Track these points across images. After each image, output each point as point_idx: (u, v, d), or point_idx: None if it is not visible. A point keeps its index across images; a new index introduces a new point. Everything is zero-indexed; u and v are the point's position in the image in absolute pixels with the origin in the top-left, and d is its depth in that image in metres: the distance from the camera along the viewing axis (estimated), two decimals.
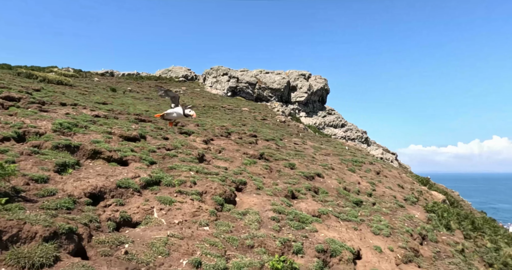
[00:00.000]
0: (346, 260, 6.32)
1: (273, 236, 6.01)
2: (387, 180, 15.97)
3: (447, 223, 12.16)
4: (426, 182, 27.61)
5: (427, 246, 9.59)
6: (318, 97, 56.78)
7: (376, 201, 11.43)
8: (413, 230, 9.58)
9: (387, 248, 7.73)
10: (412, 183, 18.80)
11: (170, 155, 9.43)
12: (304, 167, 12.33)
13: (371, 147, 57.57)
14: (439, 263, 8.81)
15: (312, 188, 10.06)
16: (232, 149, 12.49)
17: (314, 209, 8.15)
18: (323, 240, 6.52)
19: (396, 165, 53.31)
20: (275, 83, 51.44)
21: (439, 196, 19.03)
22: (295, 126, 31.05)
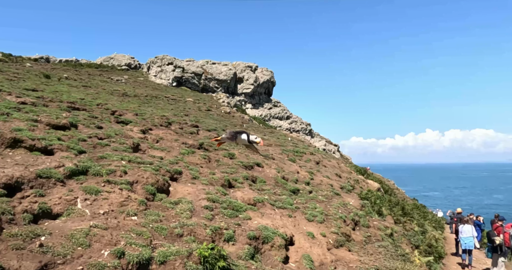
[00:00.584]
0: (278, 246, 6.42)
1: (204, 224, 5.94)
2: (325, 169, 16.49)
3: (379, 209, 12.82)
4: (364, 171, 28.93)
5: (359, 231, 10.04)
6: (265, 89, 57.26)
7: (313, 189, 11.75)
8: (346, 217, 9.97)
9: (319, 234, 7.97)
10: (349, 172, 19.60)
11: (102, 144, 9.00)
12: (244, 157, 12.37)
13: (314, 139, 59.22)
14: (369, 246, 9.26)
15: (250, 177, 10.11)
16: (171, 139, 12.21)
17: (250, 197, 8.19)
18: (256, 227, 6.57)
19: (338, 156, 55.37)
20: (221, 74, 51.05)
21: (374, 184, 20.03)
22: (240, 117, 31.08)
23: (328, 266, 6.85)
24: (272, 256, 6.25)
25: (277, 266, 6.02)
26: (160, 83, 45.33)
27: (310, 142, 53.12)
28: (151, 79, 46.85)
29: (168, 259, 4.69)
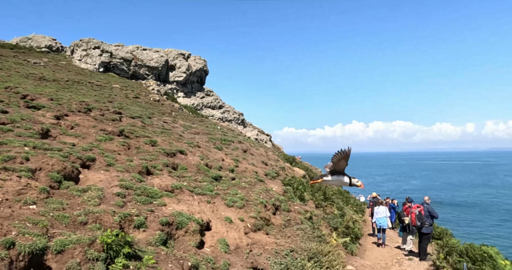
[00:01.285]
0: (193, 232, 6.37)
1: (112, 211, 5.69)
2: (252, 157, 16.71)
3: (300, 195, 13.30)
4: (292, 160, 29.84)
5: (280, 215, 10.33)
6: (197, 77, 56.41)
7: (237, 176, 11.85)
8: (267, 202, 10.19)
9: (238, 218, 8.06)
10: (277, 160, 20.07)
11: (4, 129, 8.22)
12: (167, 144, 12.08)
13: (247, 129, 59.81)
14: (288, 229, 9.58)
15: (171, 164, 9.91)
16: (88, 125, 11.53)
17: (167, 184, 8.02)
18: (170, 213, 6.45)
19: (270, 145, 56.55)
20: (152, 61, 49.27)
21: (300, 171, 20.74)
22: (169, 105, 30.33)
23: (243, 249, 6.96)
24: (186, 241, 6.19)
25: (190, 251, 5.98)
26: (85, 68, 42.60)
27: (242, 131, 53.58)
28: (75, 63, 43.82)
29: (67, 248, 4.43)
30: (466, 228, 70.08)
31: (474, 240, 55.60)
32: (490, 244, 40.38)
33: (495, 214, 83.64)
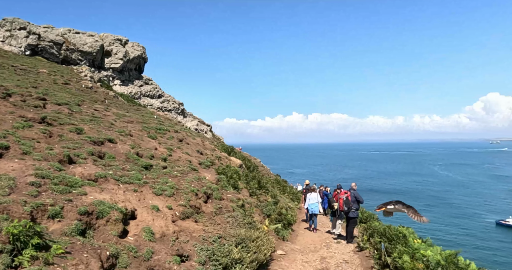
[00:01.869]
0: (115, 221, 6.18)
1: (23, 201, 5.34)
2: (187, 146, 16.52)
3: (234, 183, 13.43)
4: (231, 150, 29.96)
5: (211, 203, 10.36)
6: (135, 65, 54.33)
7: (169, 165, 11.66)
8: (198, 190, 10.16)
9: (165, 206, 7.96)
10: (213, 150, 20.03)
11: None
12: (95, 132, 11.55)
13: (187, 119, 58.94)
14: (219, 217, 9.64)
15: (97, 153, 9.49)
16: (5, 111, 10.66)
17: (91, 173, 7.69)
18: (90, 202, 6.20)
19: (210, 136, 56.29)
20: (86, 45, 46.55)
21: (237, 161, 20.89)
22: (103, 93, 28.93)
23: (170, 237, 6.89)
24: (107, 231, 6.00)
25: (111, 240, 5.81)
26: (9, 51, 39.19)
27: (182, 121, 52.70)
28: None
29: None
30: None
31: (400, 224, 59.69)
32: (414, 227, 43.46)
33: (420, 199, 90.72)
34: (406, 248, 6.28)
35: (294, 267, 9.77)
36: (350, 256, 11.39)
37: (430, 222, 62.05)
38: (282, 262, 10.04)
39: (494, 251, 49.34)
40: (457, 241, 54.11)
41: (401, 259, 5.76)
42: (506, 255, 47.94)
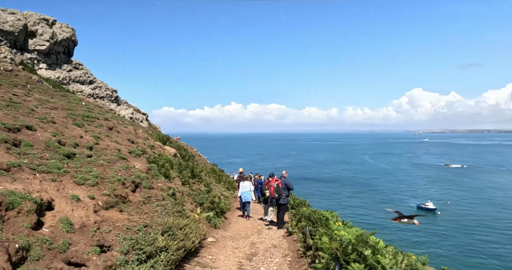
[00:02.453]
0: (27, 212, 5.79)
1: None
2: (118, 135, 15.88)
3: (166, 172, 13.19)
4: (166, 139, 29.34)
5: (140, 193, 10.09)
6: (64, 48, 50.73)
7: (96, 154, 11.14)
8: (126, 179, 9.84)
9: (87, 196, 7.61)
10: (146, 138, 19.47)
11: None
12: (11, 119, 10.66)
13: (121, 107, 56.57)
14: (147, 206, 9.43)
15: (11, 141, 8.78)
16: None
17: (2, 161, 7.10)
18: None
19: (146, 125, 54.55)
20: (7, 24, 42.46)
21: (171, 150, 20.52)
22: (25, 77, 26.73)
23: (90, 227, 6.61)
24: (18, 222, 5.60)
25: (22, 232, 5.44)
26: None
27: (116, 109, 50.46)
28: None
29: None
30: (328, 200, 78.84)
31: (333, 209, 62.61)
32: (344, 212, 46.51)
33: (351, 187, 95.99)
34: (326, 230, 6.61)
35: (224, 253, 9.89)
36: (279, 240, 11.77)
37: (361, 208, 65.48)
38: (212, 249, 10.12)
39: (415, 233, 53.89)
40: (384, 224, 58.26)
41: (321, 240, 6.06)
42: (425, 235, 52.60)
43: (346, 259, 4.52)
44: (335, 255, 4.76)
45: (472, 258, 43.53)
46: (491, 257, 44.16)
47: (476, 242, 49.72)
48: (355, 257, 4.41)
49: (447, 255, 44.57)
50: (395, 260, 3.88)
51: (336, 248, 4.74)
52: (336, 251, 4.71)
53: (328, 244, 5.44)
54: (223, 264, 8.78)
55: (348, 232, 5.47)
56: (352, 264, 3.94)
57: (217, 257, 9.38)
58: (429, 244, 48.58)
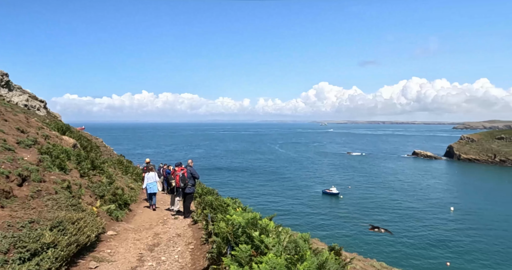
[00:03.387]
0: None
1: None
2: (4, 123, 14.26)
3: (61, 164, 12.23)
4: (66, 128, 27.14)
5: (28, 186, 9.23)
6: None
7: None
8: (10, 172, 8.91)
9: None
10: (40, 128, 17.80)
11: None
12: None
13: (13, 93, 50.75)
14: (36, 200, 8.68)
15: None
16: None
17: None
18: None
19: (44, 113, 49.77)
20: None
21: (70, 140, 19.07)
22: None
23: None
24: None
25: None
26: None
27: (6, 96, 45.20)
28: None
29: None
30: (240, 188, 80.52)
31: (245, 198, 64.31)
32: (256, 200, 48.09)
33: (262, 175, 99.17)
34: (224, 216, 6.76)
35: (125, 246, 9.57)
36: (184, 229, 11.73)
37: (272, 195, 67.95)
38: (112, 242, 9.71)
39: (321, 216, 57.82)
40: (293, 210, 61.43)
41: (218, 226, 6.18)
42: (330, 218, 56.70)
43: (237, 241, 4.69)
44: (227, 238, 4.90)
45: (371, 236, 48.21)
46: (386, 234, 49.37)
47: (373, 221, 55.07)
48: (245, 239, 4.59)
49: (349, 235, 48.70)
50: (278, 239, 4.13)
51: (228, 232, 4.88)
52: (228, 235, 4.85)
53: (224, 229, 5.58)
54: (122, 257, 8.49)
55: (243, 216, 5.66)
56: (240, 245, 4.10)
57: (117, 250, 9.04)
58: (334, 226, 52.53)
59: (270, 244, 3.90)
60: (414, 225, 53.70)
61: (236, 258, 3.94)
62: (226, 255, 4.93)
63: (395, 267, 24.44)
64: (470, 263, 39.80)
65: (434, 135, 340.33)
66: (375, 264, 12.18)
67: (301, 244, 4.06)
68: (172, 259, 8.39)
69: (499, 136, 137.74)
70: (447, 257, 41.29)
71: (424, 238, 47.69)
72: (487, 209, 63.73)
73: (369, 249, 42.69)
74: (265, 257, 3.47)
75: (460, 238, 48.17)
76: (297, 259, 3.26)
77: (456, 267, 38.71)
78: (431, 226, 53.23)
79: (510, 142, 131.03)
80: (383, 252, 42.34)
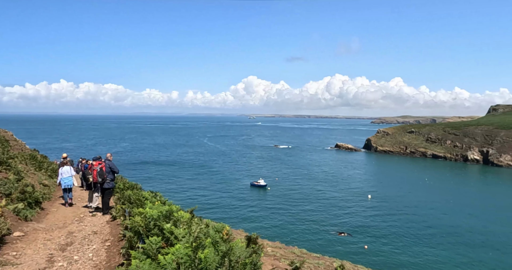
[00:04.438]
0: None
1: None
2: None
3: None
4: None
5: None
6: None
7: None
8: None
9: None
10: None
11: None
12: None
13: None
14: None
15: None
16: None
17: None
18: None
19: None
20: None
21: None
22: None
23: None
24: None
25: None
26: None
27: None
28: None
29: None
30: (168, 183, 78.77)
31: (173, 192, 63.27)
32: (186, 194, 47.61)
33: (191, 169, 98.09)
34: (140, 210, 6.58)
35: (33, 247, 8.88)
36: (101, 226, 11.20)
37: (201, 189, 67.70)
38: (19, 244, 8.96)
39: (250, 208, 58.81)
40: (222, 203, 61.65)
41: (133, 220, 6.01)
42: (259, 210, 57.91)
43: (148, 234, 4.60)
44: (139, 232, 4.78)
45: (297, 225, 50.18)
46: (312, 222, 51.75)
47: (300, 211, 57.42)
48: (156, 232, 4.52)
49: (277, 225, 50.22)
50: (190, 230, 4.12)
51: (139, 225, 4.76)
52: (139, 228, 4.73)
53: (139, 222, 5.43)
54: (30, 259, 7.88)
55: (159, 209, 5.55)
56: (150, 238, 4.02)
57: (24, 252, 8.36)
58: (262, 217, 53.76)
59: (180, 235, 3.89)
60: (337, 213, 57.05)
61: (145, 251, 3.86)
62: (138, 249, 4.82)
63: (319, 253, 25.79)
64: (386, 245, 43.36)
65: (354, 129, 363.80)
66: (296, 251, 12.72)
67: (211, 234, 4.10)
68: (86, 258, 7.97)
69: (410, 130, 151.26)
70: (365, 241, 44.56)
71: (346, 225, 50.93)
72: (400, 196, 69.86)
73: (295, 238, 44.51)
74: (173, 248, 3.45)
75: (377, 223, 52.24)
76: (196, 247, 3.29)
77: (373, 249, 41.93)
78: (352, 214, 56.98)
79: (418, 136, 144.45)
80: (309, 240, 44.45)
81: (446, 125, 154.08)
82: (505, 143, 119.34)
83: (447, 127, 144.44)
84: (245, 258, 3.58)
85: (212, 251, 3.45)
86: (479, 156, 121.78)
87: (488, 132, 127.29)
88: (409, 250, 42.11)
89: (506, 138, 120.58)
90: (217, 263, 3.32)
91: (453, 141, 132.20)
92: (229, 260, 3.30)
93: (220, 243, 3.73)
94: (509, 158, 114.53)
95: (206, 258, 3.31)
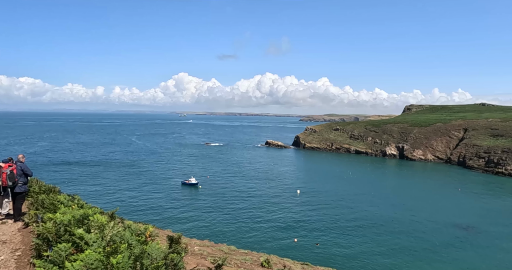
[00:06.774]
0: None
1: None
2: None
3: None
4: None
5: None
6: None
7: None
8: None
9: None
10: None
11: None
12: None
13: None
14: None
15: None
16: None
17: None
18: None
19: None
20: None
21: None
22: None
23: None
24: None
25: None
26: None
27: None
28: None
29: None
30: (94, 185, 74.35)
31: (99, 195, 59.64)
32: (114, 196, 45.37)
33: (117, 169, 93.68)
34: (52, 215, 6.17)
35: None
36: (12, 235, 10.28)
37: (130, 190, 64.59)
38: None
39: (182, 208, 57.57)
40: (153, 204, 59.58)
41: (45, 226, 5.61)
42: (190, 210, 56.96)
43: (59, 241, 4.33)
44: (48, 239, 4.49)
45: (227, 225, 50.23)
46: (244, 220, 52.21)
47: (232, 209, 57.61)
48: (67, 238, 4.27)
49: (209, 224, 49.84)
50: (102, 234, 3.95)
51: (48, 231, 4.47)
52: (48, 235, 4.44)
53: (50, 228, 5.09)
54: None
55: (72, 214, 5.25)
56: (58, 244, 3.78)
57: None
58: (194, 217, 52.88)
59: (91, 240, 3.71)
60: (268, 209, 58.24)
61: (52, 259, 3.63)
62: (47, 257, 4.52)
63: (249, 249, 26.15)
64: (315, 238, 45.26)
65: (284, 127, 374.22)
66: (224, 248, 12.78)
67: (127, 237, 3.97)
68: None
69: (335, 127, 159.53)
70: (295, 235, 46.11)
71: (277, 221, 52.22)
72: (327, 190, 73.40)
73: (227, 236, 44.64)
74: (82, 254, 3.29)
75: (306, 217, 54.34)
76: (110, 252, 3.18)
77: (302, 243, 43.56)
78: (283, 209, 58.58)
79: (343, 133, 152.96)
80: (241, 237, 44.81)
81: (367, 123, 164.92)
82: (417, 139, 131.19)
83: (368, 125, 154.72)
84: (160, 260, 3.52)
85: (127, 255, 3.34)
86: (395, 151, 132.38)
87: (403, 130, 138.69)
88: (337, 242, 44.40)
89: (418, 135, 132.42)
90: (129, 267, 3.23)
91: (373, 138, 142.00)
92: (141, 263, 3.23)
93: (134, 246, 3.64)
94: (420, 153, 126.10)
95: (118, 264, 3.20)
